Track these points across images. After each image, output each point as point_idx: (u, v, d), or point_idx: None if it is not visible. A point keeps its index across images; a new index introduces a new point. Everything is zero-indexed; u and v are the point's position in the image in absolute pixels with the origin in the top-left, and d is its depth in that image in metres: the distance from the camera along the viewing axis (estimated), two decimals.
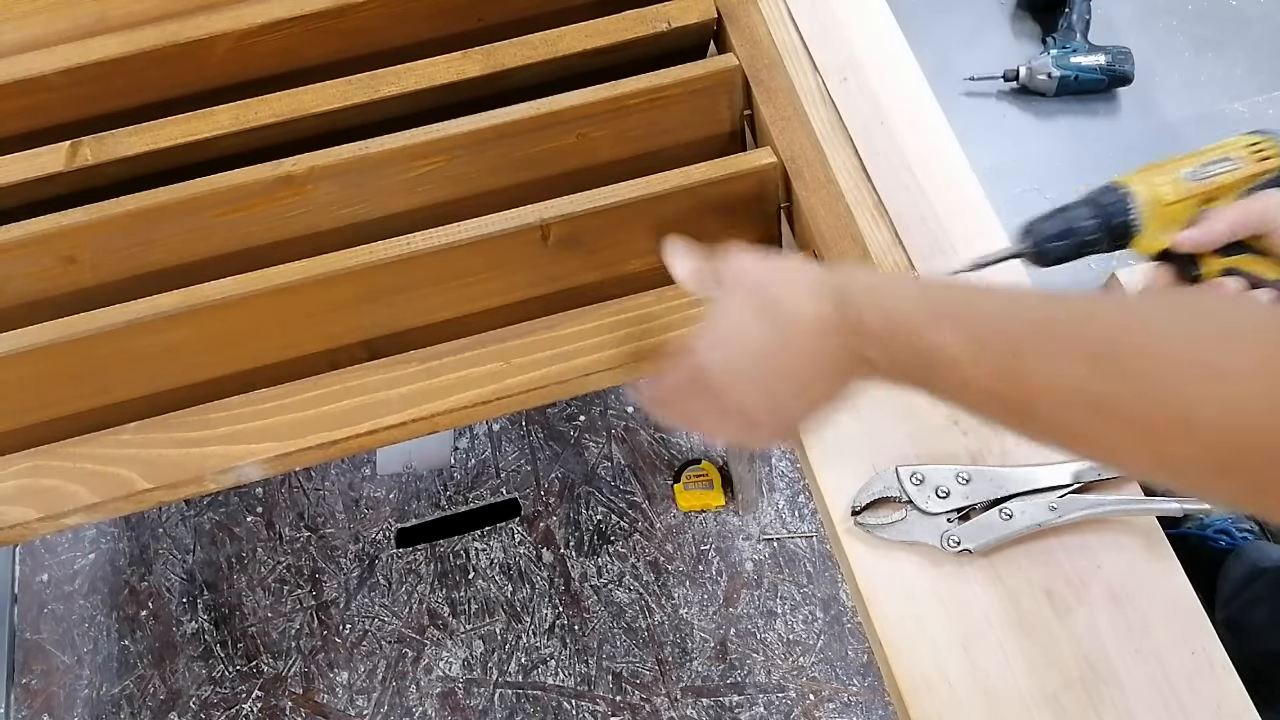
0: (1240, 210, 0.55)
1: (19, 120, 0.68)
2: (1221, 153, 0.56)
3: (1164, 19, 1.68)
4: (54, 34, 0.69)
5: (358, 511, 1.39)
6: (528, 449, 1.42)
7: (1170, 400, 0.34)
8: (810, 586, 1.31)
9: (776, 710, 1.24)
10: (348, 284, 0.61)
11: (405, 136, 0.63)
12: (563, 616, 1.31)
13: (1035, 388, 0.38)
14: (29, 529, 0.57)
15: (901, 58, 0.75)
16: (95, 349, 0.60)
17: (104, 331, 0.59)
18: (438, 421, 0.59)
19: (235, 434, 0.59)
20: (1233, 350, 0.34)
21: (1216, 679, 0.54)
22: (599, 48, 0.66)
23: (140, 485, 0.57)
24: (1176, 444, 0.35)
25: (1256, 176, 0.56)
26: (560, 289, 0.64)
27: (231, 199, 0.62)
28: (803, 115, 0.65)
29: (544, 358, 0.59)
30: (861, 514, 0.59)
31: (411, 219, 0.66)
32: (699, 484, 1.36)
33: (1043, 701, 0.54)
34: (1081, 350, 0.37)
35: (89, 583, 1.35)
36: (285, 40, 0.68)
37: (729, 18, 0.68)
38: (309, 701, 1.27)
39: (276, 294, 0.60)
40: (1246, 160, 0.56)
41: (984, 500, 0.58)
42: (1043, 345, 0.38)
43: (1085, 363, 0.36)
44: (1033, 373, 0.38)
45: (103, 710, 1.28)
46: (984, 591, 0.57)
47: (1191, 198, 0.56)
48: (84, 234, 0.62)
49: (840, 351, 0.45)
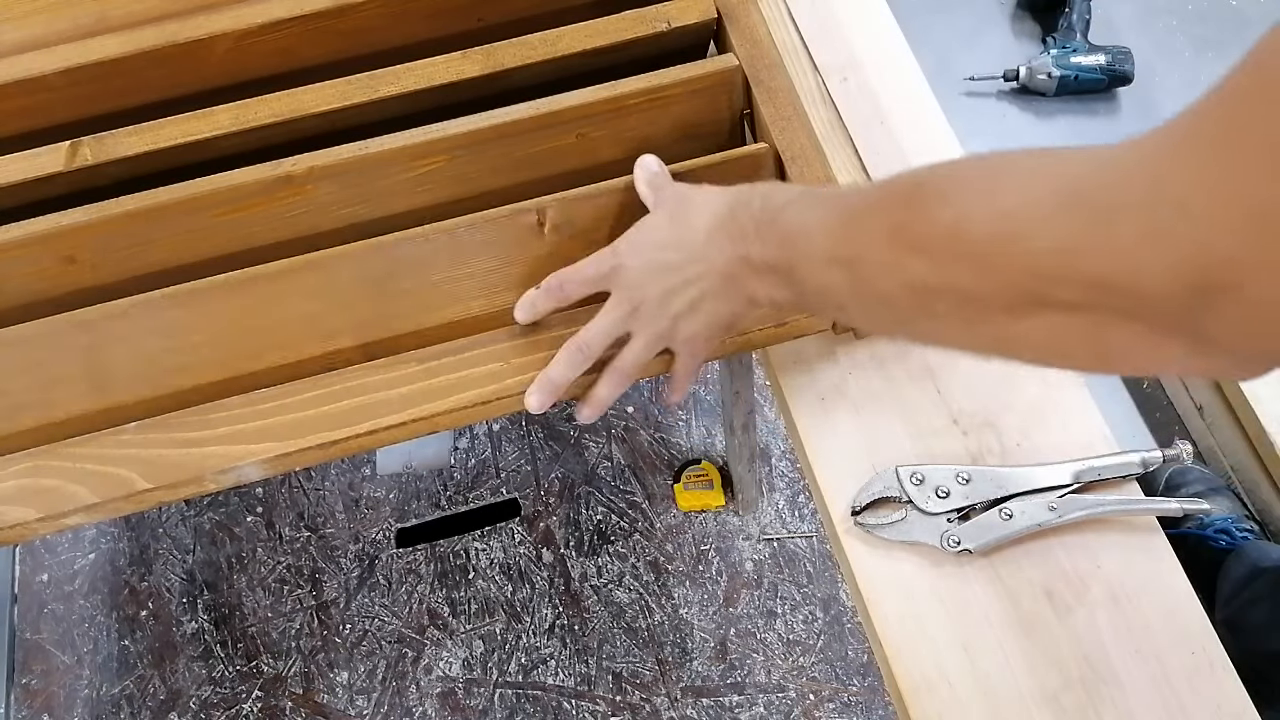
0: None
1: (19, 120, 0.68)
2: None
3: (1164, 19, 1.68)
4: (54, 34, 0.69)
5: (358, 511, 1.39)
6: (528, 449, 1.42)
7: (948, 214, 0.39)
8: (810, 586, 1.31)
9: (776, 710, 1.24)
10: (346, 266, 0.61)
11: (405, 136, 0.63)
12: (563, 616, 1.31)
13: (862, 234, 0.43)
14: (29, 529, 0.57)
15: (901, 58, 0.75)
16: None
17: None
18: (438, 421, 0.59)
19: (235, 434, 0.59)
20: (1008, 172, 0.38)
21: (1216, 679, 0.54)
22: (599, 48, 0.66)
23: (140, 485, 0.57)
24: (948, 251, 0.39)
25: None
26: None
27: (231, 199, 0.62)
28: (803, 115, 0.65)
29: (543, 358, 0.59)
30: (861, 514, 0.59)
31: (411, 219, 0.66)
32: (699, 484, 1.36)
33: (1043, 701, 0.54)
34: (896, 191, 0.43)
35: (89, 583, 1.35)
36: (285, 40, 0.68)
37: (729, 18, 0.68)
38: (309, 701, 1.27)
39: (274, 280, 0.61)
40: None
41: (984, 500, 0.58)
42: (869, 197, 0.45)
43: (900, 200, 0.42)
44: (862, 224, 0.44)
45: (103, 710, 1.28)
46: (984, 591, 0.57)
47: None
48: (84, 234, 0.62)
49: (725, 245, 0.51)
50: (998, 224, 0.37)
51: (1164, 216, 0.31)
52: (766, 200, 0.50)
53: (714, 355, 0.62)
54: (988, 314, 0.39)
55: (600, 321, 0.57)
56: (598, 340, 0.57)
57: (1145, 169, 0.33)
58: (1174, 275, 0.31)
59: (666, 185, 0.60)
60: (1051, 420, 0.62)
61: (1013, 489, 0.58)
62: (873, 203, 0.45)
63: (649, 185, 0.61)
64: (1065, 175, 0.36)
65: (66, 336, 0.60)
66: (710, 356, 0.61)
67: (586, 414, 0.59)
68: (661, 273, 0.54)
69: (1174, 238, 0.31)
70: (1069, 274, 0.35)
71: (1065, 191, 0.35)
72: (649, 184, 0.61)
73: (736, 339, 0.60)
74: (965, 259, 0.38)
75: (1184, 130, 0.32)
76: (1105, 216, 0.33)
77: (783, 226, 0.48)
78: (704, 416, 1.44)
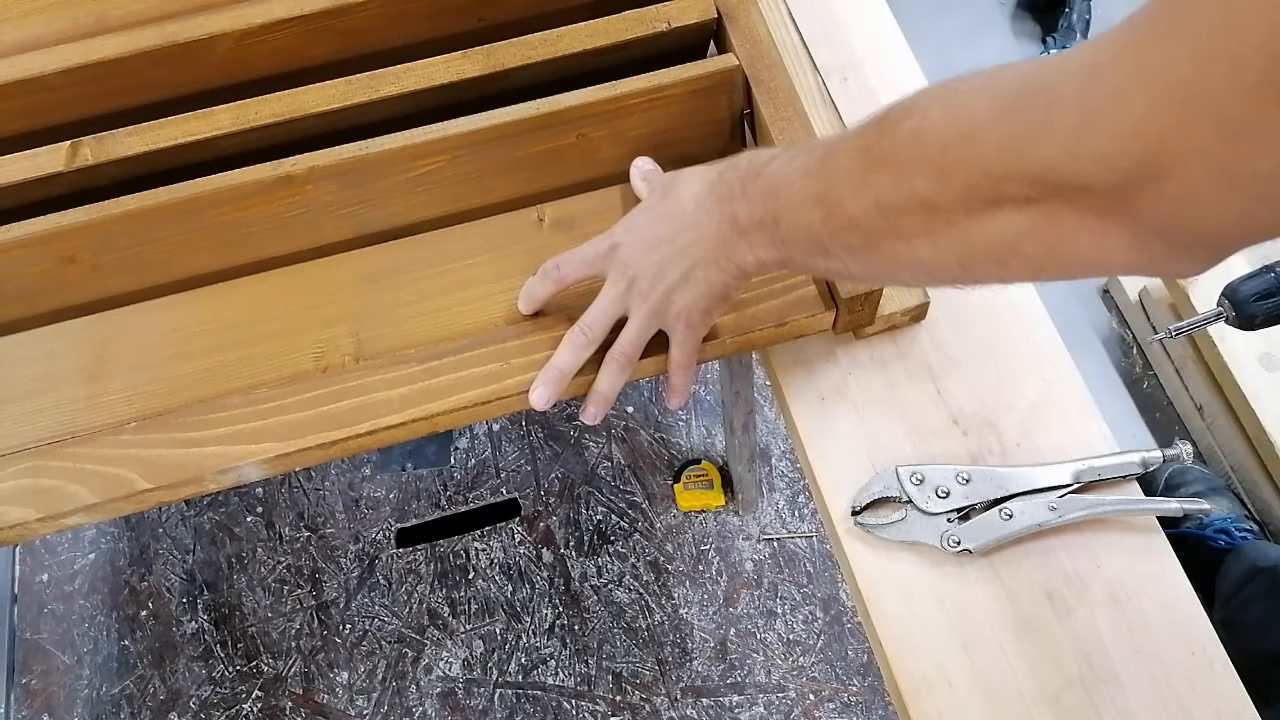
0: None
1: (19, 120, 0.68)
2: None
3: None
4: (54, 34, 0.69)
5: (358, 511, 1.39)
6: (528, 449, 1.42)
7: (908, 126, 0.40)
8: (810, 586, 1.31)
9: (776, 710, 1.24)
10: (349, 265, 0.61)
11: (405, 136, 0.63)
12: (563, 616, 1.31)
13: (835, 168, 0.45)
14: (29, 529, 0.57)
15: (901, 58, 0.75)
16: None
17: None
18: (437, 421, 0.59)
19: (235, 434, 0.59)
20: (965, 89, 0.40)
21: (1216, 679, 0.54)
22: (599, 48, 0.66)
23: (140, 485, 0.57)
24: (907, 161, 0.41)
25: None
26: None
27: (231, 199, 0.62)
28: (803, 115, 0.65)
29: (543, 358, 0.59)
30: (861, 514, 0.59)
31: (412, 219, 0.66)
32: (699, 484, 1.36)
33: (1043, 701, 0.54)
34: (866, 122, 0.44)
35: (89, 583, 1.35)
36: (285, 40, 0.68)
37: (729, 18, 0.68)
38: (309, 701, 1.27)
39: (275, 275, 0.60)
40: None
41: (984, 500, 0.58)
42: (844, 136, 0.46)
43: (871, 128, 0.43)
44: (836, 159, 0.45)
45: (103, 710, 1.28)
46: (984, 591, 0.57)
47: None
48: (83, 234, 0.62)
49: (714, 208, 0.52)
50: (952, 127, 0.39)
51: (1099, 105, 0.33)
52: (753, 158, 0.51)
53: (716, 355, 0.62)
54: (950, 220, 0.40)
55: (599, 303, 0.57)
56: (599, 321, 0.57)
57: (1084, 63, 0.34)
58: (1110, 161, 0.33)
59: (659, 174, 0.62)
60: (1051, 420, 0.62)
61: (1013, 489, 0.58)
62: (847, 137, 0.46)
63: (644, 180, 0.62)
64: (1014, 77, 0.37)
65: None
66: (709, 355, 0.61)
67: (591, 413, 0.59)
68: (654, 246, 0.55)
69: (1109, 124, 0.32)
70: (1017, 167, 0.36)
71: (1012, 91, 0.37)
72: (644, 179, 0.62)
73: (737, 339, 0.61)
74: (923, 164, 0.40)
75: (1122, 29, 0.33)
76: (1045, 109, 0.35)
77: (766, 180, 0.49)
78: (704, 416, 1.44)
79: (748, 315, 0.61)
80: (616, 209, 0.64)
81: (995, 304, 0.65)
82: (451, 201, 0.66)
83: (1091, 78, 0.33)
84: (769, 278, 0.61)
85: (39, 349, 0.63)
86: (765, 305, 0.61)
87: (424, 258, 0.64)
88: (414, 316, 0.63)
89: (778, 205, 0.48)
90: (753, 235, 0.50)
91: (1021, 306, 0.65)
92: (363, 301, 0.63)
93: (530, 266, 0.62)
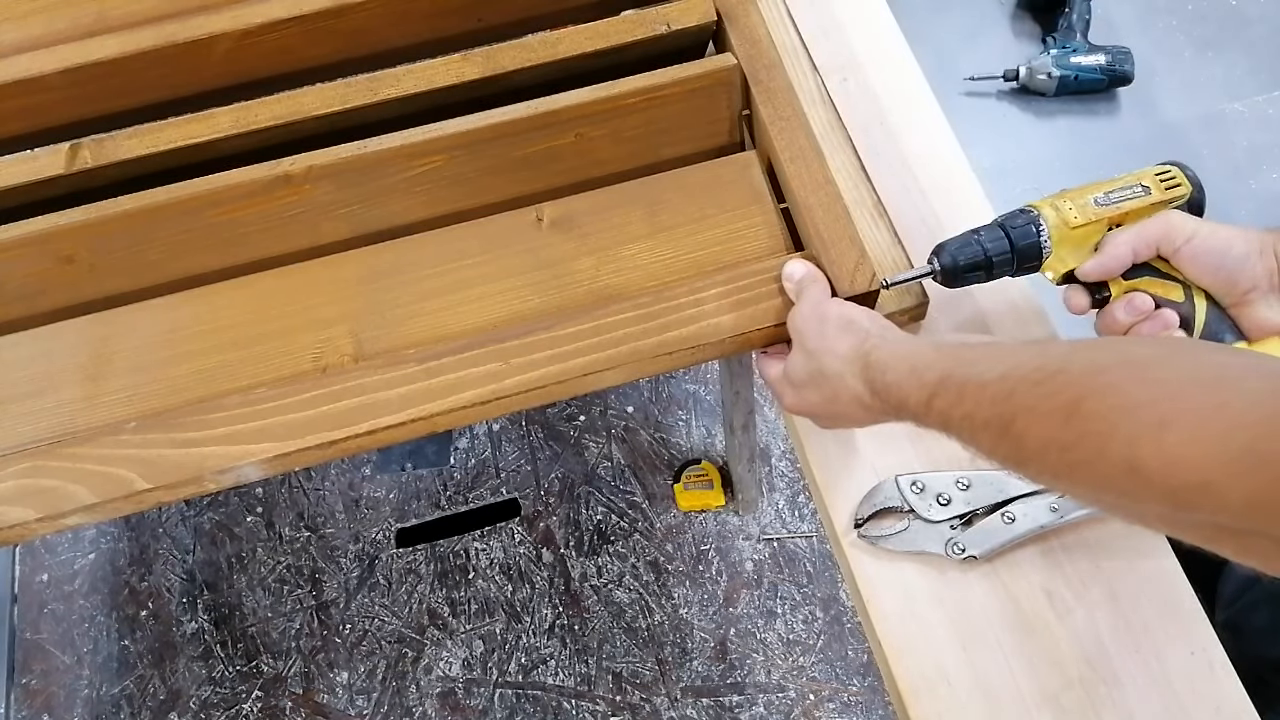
0: (1137, 233, 0.57)
1: (19, 120, 0.68)
2: (1133, 180, 0.59)
3: (1164, 19, 1.68)
4: (54, 34, 0.69)
5: (358, 511, 1.39)
6: (528, 449, 1.42)
7: (1120, 451, 0.38)
8: (810, 586, 1.31)
9: (776, 710, 1.24)
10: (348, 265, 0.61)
11: (403, 136, 0.63)
12: (563, 616, 1.31)
13: (1022, 439, 0.43)
14: (29, 529, 0.57)
15: (901, 58, 0.75)
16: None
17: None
18: (437, 421, 0.59)
19: (235, 434, 0.59)
20: (1176, 398, 0.38)
21: (1216, 679, 0.54)
22: (598, 50, 0.66)
23: (140, 485, 0.57)
24: (1129, 488, 0.38)
25: (1164, 204, 0.58)
26: (555, 275, 0.65)
27: (230, 199, 0.63)
28: (802, 115, 0.65)
29: (542, 358, 0.59)
30: (864, 526, 0.59)
31: (410, 218, 0.66)
32: (699, 484, 1.36)
33: (1043, 702, 0.54)
34: (1054, 404, 0.41)
35: (89, 583, 1.35)
36: (285, 40, 0.68)
37: (728, 18, 0.68)
38: (309, 701, 1.27)
39: (274, 274, 0.60)
40: (1155, 188, 0.58)
41: (985, 505, 0.58)
42: (1025, 401, 0.43)
43: (1059, 416, 0.41)
44: (1021, 431, 0.43)
45: (103, 710, 1.28)
46: (983, 592, 0.57)
47: (1098, 221, 0.58)
48: (82, 234, 0.62)
49: (876, 415, 0.53)
50: (1182, 472, 0.37)
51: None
52: (894, 384, 0.51)
53: (716, 355, 0.62)
54: (1143, 516, 0.42)
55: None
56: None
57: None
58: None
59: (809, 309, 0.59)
60: None
61: (1013, 492, 0.58)
62: (1025, 405, 0.43)
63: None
64: (1237, 422, 0.35)
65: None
66: (710, 355, 0.61)
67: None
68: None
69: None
70: (1264, 528, 0.36)
71: (1245, 449, 0.35)
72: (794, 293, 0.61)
73: (737, 339, 0.60)
74: (1148, 497, 0.38)
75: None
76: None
77: (937, 418, 0.48)
78: (704, 416, 1.44)
79: (748, 315, 0.60)
80: (615, 209, 0.64)
81: (995, 304, 0.65)
82: (450, 201, 0.66)
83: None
84: (767, 277, 0.61)
85: (38, 349, 0.63)
86: (765, 305, 0.61)
87: (423, 258, 0.64)
88: (413, 316, 0.63)
89: (949, 433, 0.48)
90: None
91: (1021, 307, 0.65)
92: (361, 301, 0.63)
93: (529, 266, 0.62)
